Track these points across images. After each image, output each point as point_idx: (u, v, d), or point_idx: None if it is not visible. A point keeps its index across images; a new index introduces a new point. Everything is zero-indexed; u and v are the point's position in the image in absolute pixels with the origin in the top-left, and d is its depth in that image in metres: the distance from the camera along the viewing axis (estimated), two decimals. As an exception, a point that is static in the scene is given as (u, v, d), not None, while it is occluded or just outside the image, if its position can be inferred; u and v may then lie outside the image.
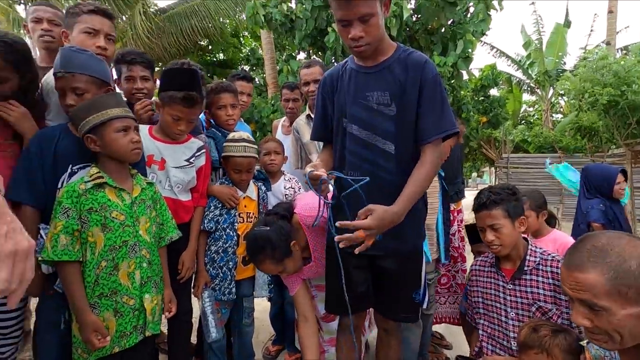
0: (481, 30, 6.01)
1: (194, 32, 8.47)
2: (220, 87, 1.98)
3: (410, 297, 1.44)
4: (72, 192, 1.25)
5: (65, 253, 1.22)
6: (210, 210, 1.78)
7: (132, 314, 1.32)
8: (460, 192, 2.27)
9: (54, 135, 1.38)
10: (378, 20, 1.24)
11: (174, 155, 1.66)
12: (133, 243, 1.34)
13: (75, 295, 1.22)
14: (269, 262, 1.46)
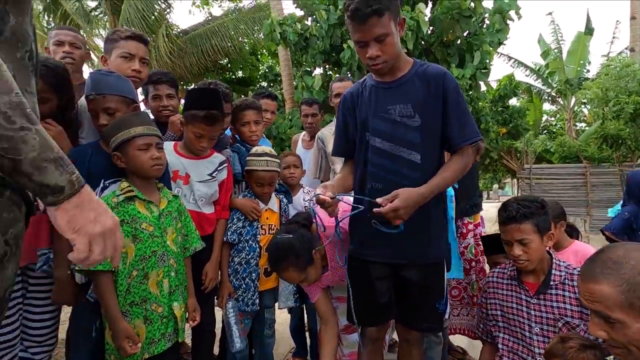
0: (498, 40, 5.98)
1: (214, 51, 8.79)
2: (244, 105, 2.07)
3: (434, 307, 1.44)
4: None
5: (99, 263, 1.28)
6: (233, 223, 1.83)
7: (161, 322, 1.37)
8: (476, 206, 2.25)
9: (86, 152, 1.47)
10: (393, 39, 1.30)
11: (198, 170, 1.73)
12: (161, 253, 1.40)
13: (108, 304, 1.28)
14: (292, 270, 1.48)
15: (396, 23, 1.31)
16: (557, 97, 13.22)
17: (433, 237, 1.39)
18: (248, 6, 10.45)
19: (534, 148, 11.63)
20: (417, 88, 1.34)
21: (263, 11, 9.27)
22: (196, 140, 1.69)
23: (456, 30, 5.53)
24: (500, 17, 5.84)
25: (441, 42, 5.84)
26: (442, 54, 5.96)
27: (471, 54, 5.80)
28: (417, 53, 5.67)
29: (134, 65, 1.71)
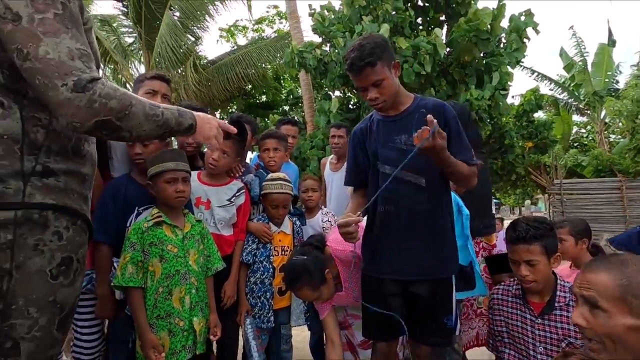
0: (516, 59, 5.98)
1: (239, 78, 9.25)
2: (265, 134, 2.29)
3: (442, 322, 1.51)
4: (137, 230, 1.52)
5: (131, 280, 1.47)
6: (248, 244, 1.98)
7: (182, 334, 1.53)
8: (489, 227, 2.27)
9: (122, 183, 1.69)
10: (389, 82, 1.45)
11: (218, 196, 1.90)
12: (184, 272, 1.57)
13: (138, 317, 1.45)
14: (306, 289, 1.61)
15: (390, 67, 1.46)
16: (585, 110, 12.82)
17: (442, 253, 1.48)
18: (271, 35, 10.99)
19: (564, 162, 11.23)
20: (419, 119, 1.46)
21: (284, 39, 9.72)
22: (209, 153, 1.89)
23: (474, 51, 5.59)
24: (517, 36, 5.86)
25: (459, 63, 5.91)
26: (459, 75, 6.01)
27: (489, 74, 5.82)
28: (435, 75, 5.75)
29: (157, 100, 1.89)
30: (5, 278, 0.80)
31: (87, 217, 0.96)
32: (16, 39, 0.78)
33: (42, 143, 0.86)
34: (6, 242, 0.80)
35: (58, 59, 0.79)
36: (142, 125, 0.90)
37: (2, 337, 0.80)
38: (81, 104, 0.80)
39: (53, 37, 0.79)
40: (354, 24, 5.88)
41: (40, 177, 0.85)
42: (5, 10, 0.77)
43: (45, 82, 0.78)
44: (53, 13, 0.80)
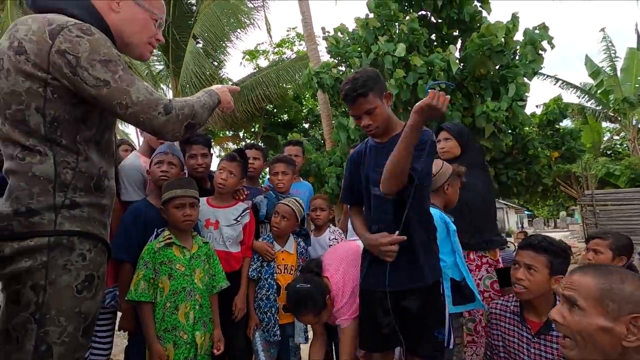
0: (532, 70, 5.92)
1: (259, 99, 9.63)
2: (275, 159, 2.48)
3: (433, 335, 1.56)
4: (150, 250, 1.70)
5: (143, 295, 1.64)
6: (253, 262, 2.12)
7: (185, 347, 1.67)
8: (491, 242, 2.28)
9: (142, 207, 1.89)
10: (380, 110, 1.59)
11: (225, 216, 2.07)
12: (190, 289, 1.72)
13: (147, 329, 1.61)
14: (309, 315, 1.78)
15: (382, 97, 1.61)
16: (615, 117, 12.30)
17: (423, 262, 1.56)
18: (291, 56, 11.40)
19: (595, 172, 10.76)
20: None
21: (303, 60, 10.05)
22: (218, 175, 2.08)
23: (488, 65, 5.60)
24: (532, 48, 5.83)
25: (473, 76, 5.92)
26: (474, 88, 6.02)
27: (505, 86, 5.78)
28: (450, 89, 5.79)
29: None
30: (40, 292, 0.97)
31: (106, 241, 1.13)
32: (114, 97, 1.03)
33: (70, 182, 1.04)
34: (41, 262, 0.98)
35: (146, 98, 1.06)
36: (203, 115, 1.21)
37: (39, 341, 0.96)
38: (173, 120, 1.10)
39: (133, 86, 1.05)
40: (369, 45, 6.04)
41: (68, 209, 1.03)
42: (96, 80, 1.01)
43: (147, 117, 1.06)
44: (121, 70, 1.05)
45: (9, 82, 1.00)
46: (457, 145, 2.38)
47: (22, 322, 0.97)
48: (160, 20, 1.26)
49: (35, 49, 0.98)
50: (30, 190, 1.00)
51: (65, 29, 1.00)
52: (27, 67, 0.99)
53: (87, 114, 1.07)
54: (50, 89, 1.00)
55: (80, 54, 1.00)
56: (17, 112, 1.00)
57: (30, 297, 0.97)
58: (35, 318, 0.97)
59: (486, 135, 5.62)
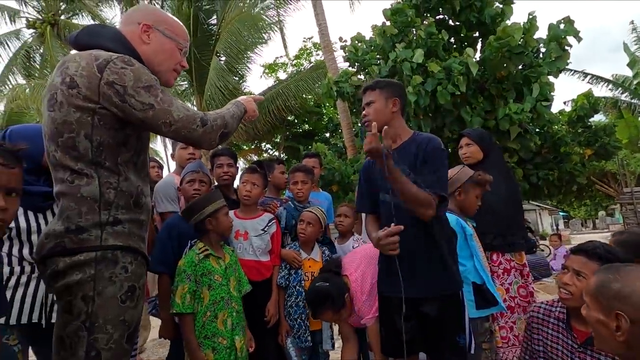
0: (557, 68, 5.73)
1: (280, 110, 9.84)
2: (294, 168, 2.57)
3: (454, 340, 1.58)
4: (191, 263, 1.79)
5: (189, 307, 1.74)
6: (281, 270, 2.21)
7: (225, 352, 1.76)
8: (514, 245, 2.26)
9: (175, 223, 2.02)
10: (378, 106, 1.69)
11: (253, 227, 2.17)
12: (227, 298, 1.82)
13: (189, 338, 1.70)
14: (328, 313, 1.82)
15: (387, 98, 1.69)
16: (654, 109, 11.63)
17: (440, 271, 1.58)
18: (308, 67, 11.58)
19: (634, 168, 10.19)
20: (411, 152, 1.66)
21: (320, 68, 10.20)
22: (242, 187, 2.20)
23: (509, 66, 5.48)
24: (556, 45, 5.65)
25: (495, 79, 5.81)
26: (496, 90, 5.89)
27: (529, 86, 5.63)
28: (471, 93, 5.70)
29: (189, 150, 2.40)
30: (90, 302, 1.07)
31: (145, 254, 1.23)
32: (159, 117, 1.15)
33: (113, 200, 1.14)
34: (90, 275, 1.08)
35: (185, 115, 1.18)
36: (233, 125, 1.32)
37: (90, 347, 1.06)
38: (209, 131, 1.22)
39: (173, 105, 1.17)
40: (387, 52, 6.07)
41: (112, 225, 1.13)
42: (142, 105, 1.13)
43: (188, 131, 1.19)
44: (161, 92, 1.17)
45: (61, 114, 1.12)
46: (479, 150, 2.39)
47: (75, 330, 1.06)
48: (185, 49, 1.36)
49: (87, 82, 1.10)
50: (79, 209, 1.10)
51: (110, 62, 1.12)
52: (79, 100, 1.10)
53: (127, 138, 1.18)
54: (97, 117, 1.12)
55: (126, 83, 1.11)
56: (69, 140, 1.12)
57: (81, 307, 1.07)
58: (85, 326, 1.06)
59: (512, 137, 5.47)
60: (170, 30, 1.31)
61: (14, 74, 13.02)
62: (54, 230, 1.11)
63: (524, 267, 2.27)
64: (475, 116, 5.52)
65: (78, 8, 13.15)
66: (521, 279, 2.24)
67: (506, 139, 5.55)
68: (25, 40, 13.42)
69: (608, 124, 9.54)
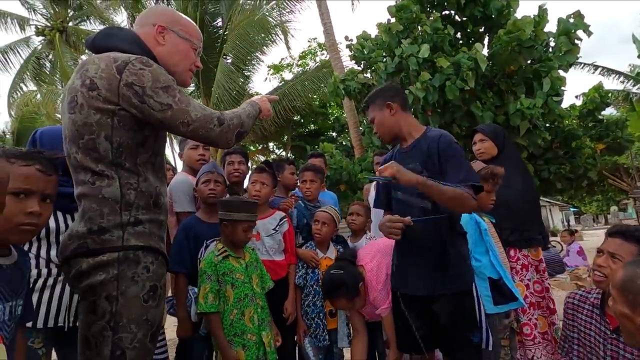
0: (567, 62, 5.64)
1: (286, 111, 9.86)
2: (303, 167, 2.58)
3: (467, 338, 1.56)
4: (211, 263, 1.80)
5: (212, 306, 1.74)
6: (298, 269, 2.21)
7: (255, 348, 1.78)
8: (530, 240, 2.23)
9: (192, 224, 2.03)
10: (379, 120, 1.74)
11: (265, 227, 2.17)
12: (251, 295, 1.83)
13: (219, 337, 1.71)
14: (342, 300, 1.86)
15: (381, 108, 1.72)
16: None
17: (451, 269, 1.57)
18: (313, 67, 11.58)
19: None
20: (422, 149, 1.65)
21: (325, 67, 10.20)
22: (251, 187, 2.21)
23: (519, 60, 5.41)
24: (566, 39, 5.57)
25: (504, 73, 5.74)
26: (506, 85, 5.82)
27: (539, 81, 5.55)
28: (480, 88, 5.64)
29: (200, 151, 2.39)
30: (114, 302, 1.08)
31: (165, 254, 1.23)
32: (177, 117, 1.16)
33: (133, 201, 1.15)
34: (113, 275, 1.09)
35: (202, 115, 1.18)
36: (249, 124, 1.32)
37: (115, 346, 1.07)
38: (225, 130, 1.22)
39: (190, 105, 1.17)
40: (393, 49, 6.04)
41: (133, 226, 1.14)
42: (161, 105, 1.14)
43: (206, 130, 1.19)
44: (178, 92, 1.18)
45: (82, 116, 1.13)
46: (493, 146, 2.37)
47: (100, 329, 1.07)
48: (199, 49, 1.37)
49: (106, 84, 1.11)
50: (101, 210, 1.11)
51: (129, 63, 1.12)
52: (99, 102, 1.11)
53: (145, 139, 1.19)
54: (117, 118, 1.12)
55: (145, 84, 1.12)
56: (89, 141, 1.13)
57: (105, 306, 1.07)
58: (110, 325, 1.07)
59: (521, 133, 5.39)
60: (185, 31, 1.31)
61: (25, 80, 13.23)
62: (76, 232, 1.12)
63: (540, 263, 2.24)
64: (486, 111, 5.45)
65: (85, 15, 13.32)
66: (536, 274, 2.21)
67: (515, 135, 5.48)
68: (35, 48, 13.63)
69: (620, 117, 9.40)
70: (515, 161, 2.40)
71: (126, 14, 11.07)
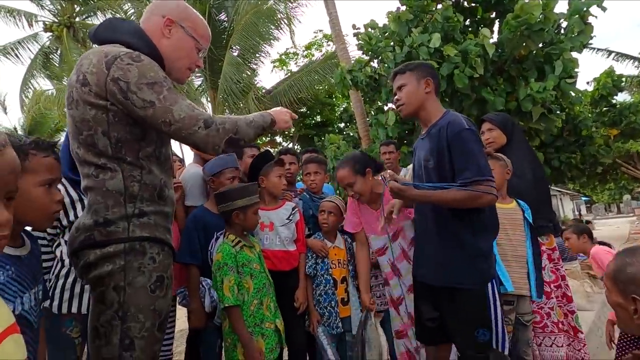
0: (580, 43, 5.50)
1: (293, 103, 9.83)
2: (307, 159, 2.58)
3: (473, 335, 1.51)
4: (231, 255, 1.77)
5: (238, 299, 1.73)
6: (308, 259, 2.23)
7: (273, 335, 1.81)
8: (541, 228, 2.21)
9: (201, 215, 2.04)
10: (411, 88, 1.66)
11: (278, 217, 2.18)
12: (267, 284, 1.86)
13: (242, 330, 1.69)
14: (347, 170, 1.98)
15: (419, 79, 1.66)
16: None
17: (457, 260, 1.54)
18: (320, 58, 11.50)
19: (661, 148, 9.79)
20: (434, 137, 1.63)
21: (332, 59, 10.10)
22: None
23: (529, 44, 5.28)
24: (578, 19, 5.42)
25: (514, 59, 5.62)
26: (516, 71, 5.71)
27: (551, 64, 5.42)
28: (489, 75, 5.55)
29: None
30: (121, 292, 1.10)
31: (170, 244, 1.24)
32: (159, 116, 1.11)
33: (137, 193, 1.16)
34: (120, 266, 1.10)
35: (187, 115, 1.13)
36: (247, 132, 1.24)
37: (123, 335, 1.08)
38: (213, 134, 1.15)
39: (176, 104, 1.12)
40: (402, 38, 5.95)
41: (138, 217, 1.15)
42: (143, 102, 1.10)
43: (189, 132, 1.13)
44: (166, 90, 1.13)
45: (78, 112, 1.13)
46: (501, 134, 2.34)
47: (109, 319, 1.09)
48: (204, 50, 1.34)
49: (95, 79, 1.10)
50: (105, 203, 1.13)
51: (118, 58, 1.10)
52: (91, 97, 1.11)
53: (145, 133, 1.18)
54: (111, 114, 1.12)
55: (130, 79, 1.09)
56: (88, 137, 1.13)
57: (113, 297, 1.09)
58: (118, 315, 1.09)
59: (534, 118, 5.28)
60: (193, 29, 1.30)
61: (35, 77, 13.38)
62: (83, 224, 1.14)
63: (554, 251, 2.23)
64: (497, 97, 5.36)
65: (92, 10, 13.35)
66: (549, 262, 2.20)
67: (529, 120, 5.38)
68: (44, 44, 13.74)
69: (633, 102, 9.18)
70: (524, 149, 2.38)
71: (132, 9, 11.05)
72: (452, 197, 1.49)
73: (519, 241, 2.01)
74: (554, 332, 2.14)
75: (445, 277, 1.54)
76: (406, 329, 2.01)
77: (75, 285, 1.58)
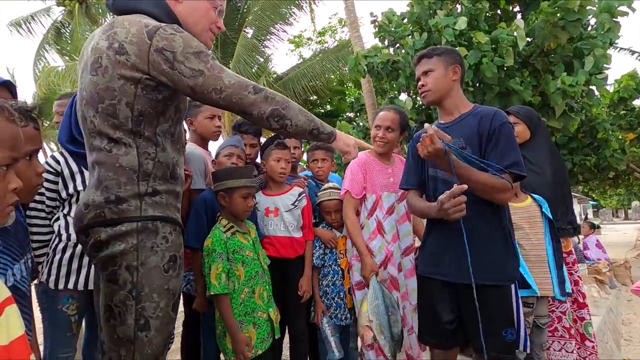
0: (610, 40, 5.30)
1: (304, 91, 9.69)
2: (313, 146, 2.45)
3: (500, 334, 1.45)
4: (220, 241, 1.68)
5: (225, 287, 1.64)
6: (316, 250, 2.14)
7: (265, 325, 1.73)
8: (562, 230, 2.09)
9: (207, 198, 1.91)
10: (438, 75, 1.57)
11: (283, 203, 2.08)
12: (260, 272, 1.77)
13: (229, 320, 1.62)
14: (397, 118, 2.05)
15: (446, 65, 1.57)
16: None
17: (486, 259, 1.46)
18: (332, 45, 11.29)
19: (678, 155, 9.53)
20: (470, 125, 1.54)
21: (346, 48, 9.91)
22: (276, 164, 2.06)
23: (560, 36, 5.08)
24: (608, 16, 5.21)
25: (541, 51, 5.42)
26: (542, 64, 5.50)
27: (580, 59, 5.23)
28: (516, 67, 5.36)
29: (217, 122, 2.14)
30: (134, 272, 1.07)
31: (181, 224, 1.22)
32: (210, 84, 1.10)
33: (151, 171, 1.13)
34: (133, 245, 1.07)
35: (237, 81, 1.13)
36: (298, 116, 1.19)
37: (138, 315, 1.06)
38: (261, 99, 1.13)
39: (224, 72, 1.12)
40: (424, 22, 5.75)
41: (150, 196, 1.12)
42: (192, 71, 1.09)
43: (239, 97, 1.12)
44: (211, 59, 1.13)
45: (104, 79, 1.08)
46: (526, 129, 2.23)
47: (123, 299, 1.07)
48: (220, 8, 1.29)
49: (136, 49, 1.06)
50: (118, 179, 1.09)
51: (160, 29, 1.08)
52: (126, 67, 1.07)
53: (166, 108, 1.15)
54: (141, 86, 1.09)
55: (175, 49, 1.07)
56: (109, 106, 1.09)
57: (126, 276, 1.07)
58: (132, 295, 1.07)
59: (557, 115, 5.11)
60: None
61: (47, 52, 13.34)
62: (93, 201, 1.10)
63: (570, 255, 2.14)
64: (526, 90, 5.19)
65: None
66: (565, 266, 2.11)
67: (550, 117, 5.22)
68: (56, 18, 13.66)
69: (654, 106, 8.90)
70: (547, 147, 2.26)
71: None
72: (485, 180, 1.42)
73: (538, 240, 1.93)
74: (564, 337, 2.07)
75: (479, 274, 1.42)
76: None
77: (72, 261, 1.55)
